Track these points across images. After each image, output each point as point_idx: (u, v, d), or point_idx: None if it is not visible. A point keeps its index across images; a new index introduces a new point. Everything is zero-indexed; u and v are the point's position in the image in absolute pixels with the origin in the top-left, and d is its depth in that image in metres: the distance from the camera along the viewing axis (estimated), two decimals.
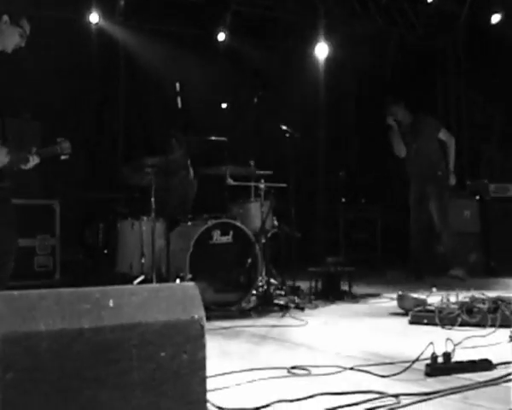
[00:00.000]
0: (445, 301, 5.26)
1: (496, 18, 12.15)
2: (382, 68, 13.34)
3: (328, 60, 11.68)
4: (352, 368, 3.63)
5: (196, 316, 2.58)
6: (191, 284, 2.74)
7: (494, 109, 13.32)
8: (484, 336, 4.44)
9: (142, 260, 6.63)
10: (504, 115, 13.27)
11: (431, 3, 11.95)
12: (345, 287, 7.24)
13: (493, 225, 9.66)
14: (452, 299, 5.28)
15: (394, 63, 13.44)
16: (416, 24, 12.72)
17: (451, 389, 3.13)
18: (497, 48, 12.80)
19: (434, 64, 13.88)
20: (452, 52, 13.79)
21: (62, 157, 4.78)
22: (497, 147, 12.35)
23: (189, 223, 6.69)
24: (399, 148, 8.65)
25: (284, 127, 7.20)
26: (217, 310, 5.95)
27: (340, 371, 3.59)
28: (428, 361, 3.50)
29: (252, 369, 3.65)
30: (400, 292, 5.93)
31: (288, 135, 7.24)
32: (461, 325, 4.84)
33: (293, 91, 11.27)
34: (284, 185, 7.30)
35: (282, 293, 6.93)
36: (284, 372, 3.61)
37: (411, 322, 5.21)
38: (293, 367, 3.67)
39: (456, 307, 5.05)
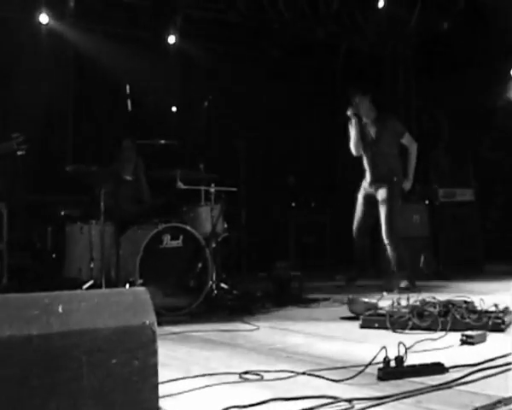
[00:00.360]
0: (395, 305, 5.28)
1: (443, 24, 12.32)
2: (332, 74, 13.43)
3: (281, 63, 11.69)
4: (304, 373, 3.61)
5: (148, 321, 2.53)
6: (142, 288, 2.69)
7: (442, 115, 13.49)
8: (435, 339, 4.46)
9: (92, 265, 6.53)
10: (451, 121, 13.45)
11: (381, 9, 12.04)
12: (295, 291, 7.24)
13: (442, 229, 9.78)
14: (403, 303, 5.30)
15: (344, 68, 13.54)
16: (366, 30, 12.80)
17: (404, 393, 3.12)
18: (445, 54, 12.99)
19: (384, 70, 14.00)
20: (402, 58, 13.94)
21: (19, 153, 4.69)
22: (445, 153, 12.49)
23: (139, 227, 6.61)
24: (357, 144, 8.07)
25: (235, 132, 7.20)
26: (167, 315, 5.88)
27: (292, 376, 3.56)
28: (381, 365, 3.49)
29: (203, 375, 3.61)
30: (351, 296, 5.94)
31: (237, 139, 7.23)
32: (412, 328, 4.86)
33: (245, 96, 11.25)
34: (234, 189, 7.28)
35: (233, 297, 6.89)
36: (236, 378, 3.57)
37: (362, 326, 5.20)
38: (244, 372, 3.63)
39: (406, 311, 5.07)
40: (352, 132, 8.04)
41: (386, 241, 7.94)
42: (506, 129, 13.66)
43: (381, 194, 8.03)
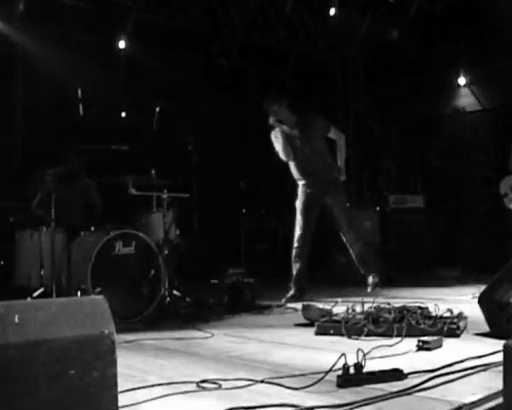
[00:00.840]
0: (350, 311, 5.28)
1: (393, 33, 12.45)
2: (283, 80, 13.47)
3: (232, 68, 11.66)
4: (262, 381, 3.56)
5: (106, 331, 2.48)
6: (100, 297, 2.63)
7: (391, 123, 13.63)
8: (391, 345, 4.46)
9: (42, 272, 6.41)
10: (400, 129, 13.59)
11: (332, 17, 12.11)
12: (248, 298, 7.21)
13: (393, 235, 9.86)
14: (358, 309, 5.31)
15: (294, 75, 13.60)
16: (318, 37, 12.88)
17: (365, 400, 3.10)
18: (395, 63, 13.12)
19: (334, 78, 14.09)
20: (352, 66, 14.04)
21: None
22: (394, 160, 12.62)
23: (91, 233, 6.51)
24: (287, 151, 7.83)
25: (187, 137, 7.14)
26: (119, 322, 5.76)
27: (251, 385, 3.52)
28: (340, 372, 3.47)
29: (160, 384, 3.55)
30: (305, 303, 5.92)
31: (190, 145, 7.18)
32: (367, 335, 4.85)
33: (197, 101, 11.21)
34: (187, 196, 7.22)
35: (186, 305, 6.82)
36: (193, 387, 3.51)
37: (317, 332, 5.18)
38: (202, 381, 3.57)
39: (361, 317, 5.07)
40: (279, 140, 7.83)
41: (348, 235, 7.84)
42: (453, 137, 13.84)
43: (330, 197, 7.87)
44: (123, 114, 10.11)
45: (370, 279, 8.00)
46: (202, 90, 11.36)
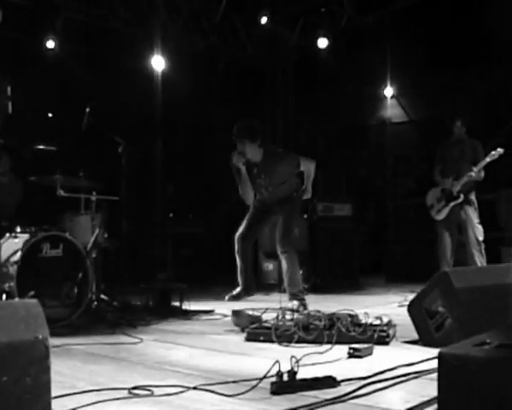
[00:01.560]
0: (280, 318, 5.28)
1: (323, 43, 12.58)
2: (213, 86, 13.46)
3: (163, 73, 11.58)
4: (195, 388, 3.53)
5: (40, 336, 2.41)
6: (34, 301, 2.56)
7: (318, 132, 13.76)
8: (322, 352, 4.48)
9: None
10: (327, 138, 13.74)
11: (263, 25, 12.18)
12: (176, 303, 7.17)
13: (320, 243, 9.93)
14: (288, 316, 5.32)
15: (224, 81, 13.60)
16: (248, 44, 12.92)
17: (299, 407, 3.10)
18: (324, 72, 13.27)
19: (264, 85, 14.16)
20: (281, 74, 14.13)
21: None
22: (320, 168, 12.72)
23: (17, 234, 6.34)
24: (248, 195, 7.13)
25: (117, 139, 7.05)
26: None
27: (183, 391, 3.48)
28: (274, 379, 3.46)
29: (91, 390, 3.47)
30: (235, 309, 5.91)
31: (120, 147, 7.10)
32: (297, 341, 4.86)
33: (126, 104, 11.09)
34: (116, 198, 7.12)
35: (113, 309, 6.73)
36: (125, 393, 3.45)
37: (248, 339, 5.17)
38: (134, 388, 3.52)
39: (292, 324, 5.08)
40: (242, 183, 7.07)
41: (281, 250, 7.20)
42: (379, 148, 14.08)
43: (279, 208, 7.32)
44: (49, 115, 9.91)
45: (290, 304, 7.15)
46: (133, 91, 11.24)
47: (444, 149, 8.53)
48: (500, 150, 7.86)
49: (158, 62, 11.28)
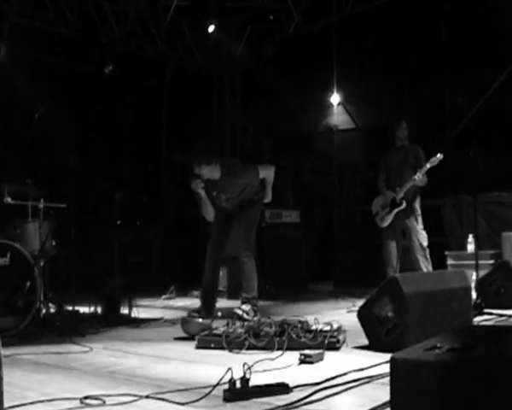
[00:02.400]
0: (231, 325, 5.28)
1: (270, 50, 12.65)
2: (160, 91, 13.44)
3: (111, 78, 11.50)
4: (147, 396, 3.51)
5: None
6: None
7: (265, 138, 13.82)
8: (273, 359, 4.50)
9: None
10: (274, 144, 13.79)
11: (211, 32, 12.21)
12: (124, 311, 7.12)
13: (268, 249, 9.95)
14: (238, 323, 5.33)
15: (171, 86, 13.58)
16: (196, 50, 12.92)
17: None
18: (271, 79, 13.32)
19: (211, 92, 14.17)
20: (229, 81, 14.16)
21: None
22: None
23: None
24: (209, 213, 7.07)
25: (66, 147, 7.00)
26: None
27: (136, 400, 3.46)
28: (226, 386, 3.46)
29: (42, 401, 3.43)
30: (184, 316, 5.89)
31: (67, 153, 7.03)
32: (248, 348, 4.88)
33: (76, 109, 11.00)
34: (64, 206, 7.04)
35: (62, 318, 6.64)
36: (77, 403, 3.42)
37: (198, 346, 5.17)
38: (85, 397, 3.48)
39: (242, 331, 5.09)
40: (203, 205, 7.01)
41: (243, 254, 7.19)
42: (326, 154, 14.17)
43: (239, 212, 7.25)
44: None
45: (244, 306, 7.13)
46: (82, 97, 11.16)
47: (387, 156, 8.62)
48: (440, 156, 7.96)
49: (107, 68, 11.21)
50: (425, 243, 8.19)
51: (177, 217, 12.95)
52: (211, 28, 12.12)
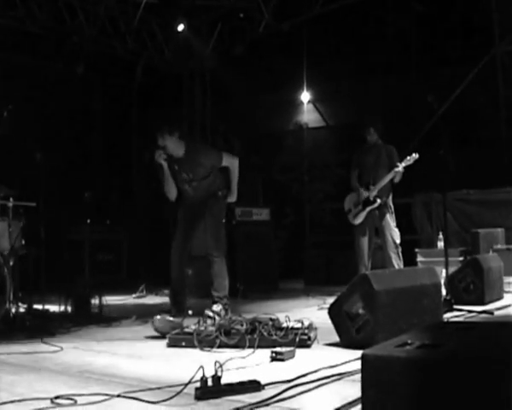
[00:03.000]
0: (202, 323, 5.28)
1: (240, 48, 12.67)
2: (130, 89, 13.39)
3: (82, 76, 11.44)
4: (119, 395, 3.50)
5: None
6: None
7: (235, 137, 13.82)
8: (244, 357, 4.50)
9: None
10: (244, 143, 13.80)
11: (181, 31, 12.18)
12: (95, 310, 7.09)
13: (239, 247, 9.95)
14: (209, 321, 5.32)
15: (141, 84, 13.54)
16: (166, 49, 12.89)
17: None
18: (241, 78, 13.34)
19: (182, 90, 14.15)
20: (199, 79, 14.14)
21: None
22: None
23: None
24: (171, 191, 7.13)
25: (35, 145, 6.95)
26: None
27: (107, 399, 3.44)
28: (198, 385, 3.46)
29: (12, 401, 3.40)
30: (156, 316, 5.87)
31: (37, 152, 6.98)
32: (219, 346, 4.87)
33: (46, 107, 10.92)
34: (33, 204, 6.99)
35: (32, 317, 6.59)
36: (48, 403, 3.39)
37: (169, 345, 5.16)
38: (56, 397, 3.46)
39: (213, 329, 5.08)
40: (165, 179, 7.09)
41: (214, 254, 7.16)
42: (296, 153, 14.21)
43: (203, 208, 7.23)
44: None
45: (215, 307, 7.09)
46: (52, 95, 11.08)
47: (359, 154, 8.65)
48: (415, 156, 8.03)
49: (80, 68, 11.16)
50: (398, 241, 8.25)
51: (148, 215, 12.91)
52: (180, 27, 12.09)
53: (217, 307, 6.94)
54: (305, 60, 13.60)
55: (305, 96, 14.19)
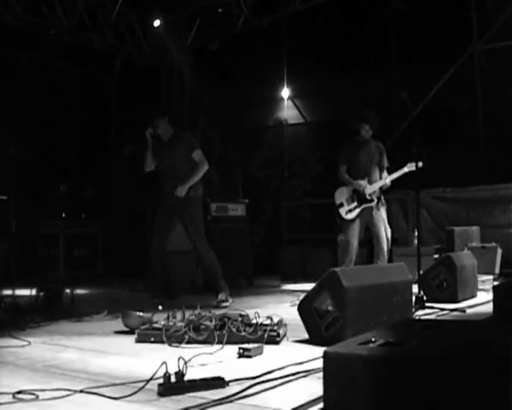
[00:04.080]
0: (171, 318, 5.24)
1: (219, 43, 12.65)
2: (108, 83, 13.31)
3: (59, 69, 11.37)
4: (82, 391, 3.45)
5: None
6: None
7: (214, 131, 13.78)
8: (212, 353, 4.47)
9: None
10: (223, 138, 13.78)
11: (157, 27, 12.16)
12: (66, 304, 7.04)
13: (214, 243, 9.90)
14: (179, 317, 5.28)
15: (120, 78, 13.48)
16: (144, 43, 12.83)
17: (186, 408, 3.09)
18: (220, 73, 13.31)
19: (160, 84, 14.11)
20: (178, 74, 14.09)
21: None
22: (216, 168, 12.73)
23: None
24: (147, 162, 8.10)
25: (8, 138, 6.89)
26: None
27: (69, 395, 3.39)
28: (161, 381, 3.43)
29: None
30: (125, 310, 5.82)
31: (10, 146, 6.93)
32: (188, 342, 4.84)
33: (20, 101, 10.83)
34: (4, 198, 6.93)
35: (1, 311, 6.52)
36: (9, 398, 3.34)
37: (138, 340, 5.11)
38: (18, 392, 3.41)
39: (182, 324, 5.05)
40: (146, 151, 8.10)
41: (193, 238, 7.99)
42: (275, 149, 14.20)
43: (182, 215, 7.98)
44: None
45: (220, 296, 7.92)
46: (27, 89, 10.99)
47: (349, 149, 8.58)
48: (420, 164, 7.84)
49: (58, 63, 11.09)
50: (390, 236, 8.34)
51: (125, 210, 12.85)
52: (156, 23, 12.07)
53: (222, 296, 7.74)
54: (285, 55, 13.60)
55: (286, 93, 14.18)
